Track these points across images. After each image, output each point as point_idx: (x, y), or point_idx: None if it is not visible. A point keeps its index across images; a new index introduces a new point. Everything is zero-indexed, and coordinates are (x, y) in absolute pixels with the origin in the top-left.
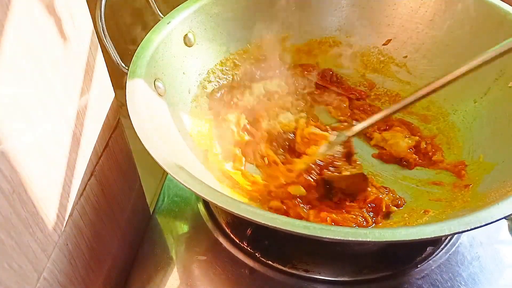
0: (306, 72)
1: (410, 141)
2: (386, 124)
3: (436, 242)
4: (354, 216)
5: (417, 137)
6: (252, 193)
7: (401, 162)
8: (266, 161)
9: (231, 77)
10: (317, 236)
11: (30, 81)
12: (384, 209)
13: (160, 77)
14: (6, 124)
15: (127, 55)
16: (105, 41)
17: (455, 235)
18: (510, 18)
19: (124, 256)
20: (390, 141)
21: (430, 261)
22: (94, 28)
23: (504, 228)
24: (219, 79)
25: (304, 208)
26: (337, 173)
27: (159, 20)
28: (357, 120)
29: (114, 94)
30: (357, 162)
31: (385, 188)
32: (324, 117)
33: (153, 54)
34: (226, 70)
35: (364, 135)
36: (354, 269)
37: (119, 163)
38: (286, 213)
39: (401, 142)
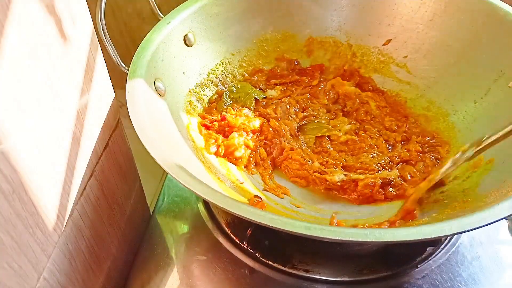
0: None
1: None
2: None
3: (436, 242)
4: None
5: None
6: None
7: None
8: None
9: (232, 77)
10: (318, 237)
11: (30, 81)
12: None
13: (160, 77)
14: (6, 124)
15: (127, 55)
16: (105, 41)
17: (455, 235)
18: (510, 18)
19: (124, 256)
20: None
21: (430, 261)
22: (94, 28)
23: (504, 228)
24: (219, 79)
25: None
26: None
27: (159, 20)
28: None
29: (114, 94)
30: None
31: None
32: None
33: (153, 54)
34: (226, 70)
35: None
36: (354, 269)
37: (119, 163)
38: None
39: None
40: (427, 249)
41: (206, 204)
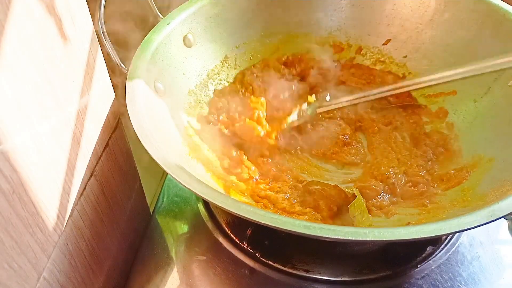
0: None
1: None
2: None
3: (436, 242)
4: None
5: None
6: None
7: None
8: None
9: (232, 77)
10: (317, 236)
11: (30, 81)
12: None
13: (160, 78)
14: (6, 124)
15: (127, 55)
16: (105, 41)
17: (455, 235)
18: (510, 18)
19: (124, 256)
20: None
21: (430, 261)
22: (94, 28)
23: (504, 228)
24: (219, 79)
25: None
26: None
27: (159, 20)
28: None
29: (114, 94)
30: None
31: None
32: None
33: (153, 55)
34: (226, 70)
35: None
36: (354, 269)
37: (119, 163)
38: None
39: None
40: (427, 249)
41: (206, 204)
